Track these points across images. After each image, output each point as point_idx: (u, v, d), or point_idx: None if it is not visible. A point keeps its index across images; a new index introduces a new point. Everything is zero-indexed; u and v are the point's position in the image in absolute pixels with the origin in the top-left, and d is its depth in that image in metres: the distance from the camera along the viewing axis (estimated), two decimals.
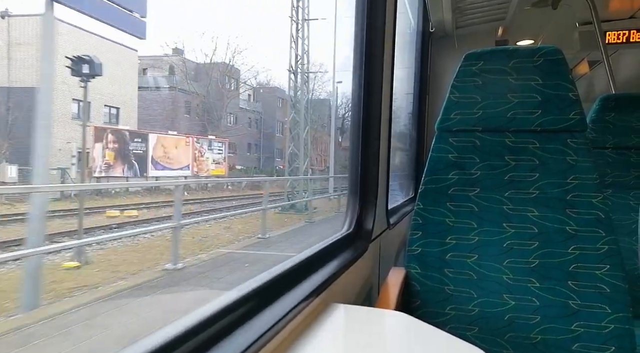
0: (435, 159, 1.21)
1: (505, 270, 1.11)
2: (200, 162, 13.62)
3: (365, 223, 1.24)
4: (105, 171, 9.97)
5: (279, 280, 0.74)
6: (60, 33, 8.99)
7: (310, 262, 0.89)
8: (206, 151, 13.99)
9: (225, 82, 22.26)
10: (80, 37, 9.98)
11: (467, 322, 1.13)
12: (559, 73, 1.13)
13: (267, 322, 0.60)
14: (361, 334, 0.78)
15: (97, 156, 9.85)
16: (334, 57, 27.30)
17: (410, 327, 0.82)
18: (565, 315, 1.06)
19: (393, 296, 1.03)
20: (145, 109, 17.66)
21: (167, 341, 0.46)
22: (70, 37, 9.62)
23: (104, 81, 10.75)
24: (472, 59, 1.18)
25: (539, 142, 1.14)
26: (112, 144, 10.22)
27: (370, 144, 1.27)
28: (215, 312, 0.55)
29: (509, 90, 1.15)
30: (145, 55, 19.28)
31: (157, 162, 11.63)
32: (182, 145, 12.82)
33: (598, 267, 1.05)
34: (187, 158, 12.96)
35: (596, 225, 1.07)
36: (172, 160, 12.27)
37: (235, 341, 0.54)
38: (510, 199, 1.14)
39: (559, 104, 1.12)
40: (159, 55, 20.17)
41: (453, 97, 1.19)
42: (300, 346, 0.65)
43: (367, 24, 1.23)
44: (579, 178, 1.10)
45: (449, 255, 1.16)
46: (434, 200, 1.19)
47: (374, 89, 1.26)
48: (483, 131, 1.18)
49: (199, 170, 13.56)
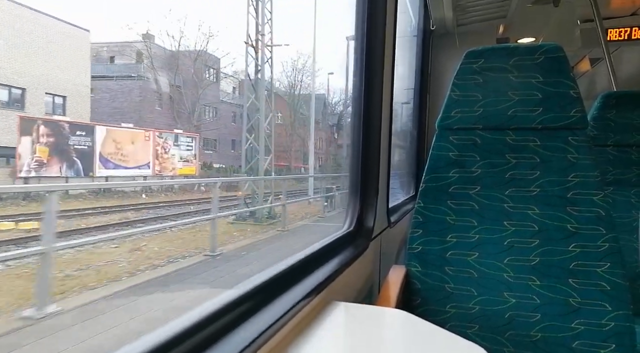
0: (435, 157, 1.21)
1: (506, 268, 1.11)
2: (164, 160, 11.69)
3: (366, 222, 1.24)
4: (35, 170, 8.31)
5: (280, 278, 0.74)
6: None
7: (311, 260, 0.89)
8: (171, 147, 12.13)
9: (202, 70, 19.92)
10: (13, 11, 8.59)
11: (468, 320, 1.13)
12: (560, 70, 1.12)
13: (268, 319, 0.60)
14: (362, 332, 0.78)
15: (24, 152, 8.12)
16: (314, 40, 25.66)
17: (411, 325, 0.82)
18: (566, 312, 1.06)
19: (394, 294, 1.03)
20: (111, 101, 16.23)
21: (169, 338, 0.46)
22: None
23: (47, 65, 9.30)
24: (472, 57, 1.18)
25: (539, 140, 1.14)
26: (45, 137, 8.57)
27: (371, 142, 1.27)
28: (216, 310, 0.56)
29: (509, 87, 1.15)
30: (112, 42, 17.59)
31: (108, 159, 9.94)
32: (139, 140, 10.94)
33: (599, 265, 1.05)
34: (147, 155, 11.08)
35: (597, 222, 1.07)
36: (126, 157, 10.44)
37: (236, 339, 0.54)
38: (510, 197, 1.14)
39: (560, 101, 1.12)
40: (128, 41, 17.89)
41: (454, 95, 1.19)
42: (301, 344, 0.65)
43: (368, 23, 1.23)
44: (580, 176, 1.10)
45: (450, 253, 1.16)
46: (434, 199, 1.19)
47: (374, 87, 1.26)
48: (484, 129, 1.18)
49: (163, 169, 11.64)
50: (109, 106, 16.12)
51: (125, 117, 15.47)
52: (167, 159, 11.80)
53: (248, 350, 0.52)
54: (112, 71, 16.94)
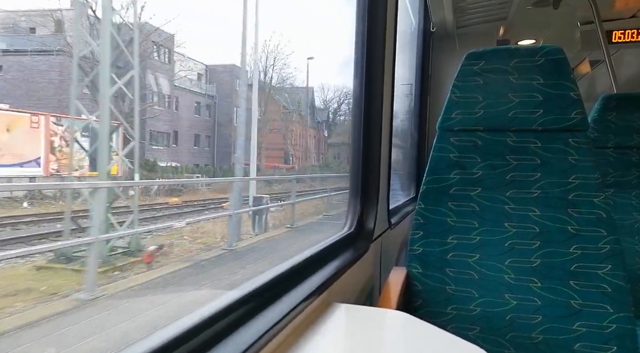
0: (436, 159, 1.21)
1: (507, 270, 1.11)
2: (64, 155, 7.85)
3: (367, 223, 1.24)
4: None
5: (281, 279, 0.74)
6: None
7: (311, 262, 0.89)
8: (76, 139, 7.29)
9: (151, 49, 16.09)
10: None
11: (469, 322, 1.13)
12: (560, 72, 1.12)
13: (268, 321, 0.60)
14: (362, 334, 0.78)
15: None
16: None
17: (412, 327, 0.81)
18: (567, 314, 1.06)
19: (394, 296, 1.03)
20: (25, 81, 12.76)
21: (170, 340, 0.46)
22: None
23: None
24: (473, 59, 1.18)
25: (540, 142, 1.14)
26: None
27: (372, 144, 1.27)
28: (217, 311, 0.55)
29: (510, 89, 1.15)
30: (32, 9, 13.37)
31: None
32: (22, 127, 7.65)
33: (600, 267, 1.05)
34: (36, 147, 7.66)
35: (598, 224, 1.07)
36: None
37: (237, 340, 0.54)
38: (511, 199, 1.14)
39: (561, 103, 1.12)
40: (52, 9, 13.55)
41: (454, 96, 1.19)
42: (302, 346, 0.65)
43: (368, 24, 1.23)
44: (581, 178, 1.09)
45: (451, 254, 1.16)
46: (435, 200, 1.19)
47: (375, 88, 1.26)
48: (484, 131, 1.18)
49: (62, 166, 7.88)
50: (21, 87, 12.70)
51: (41, 102, 12.05)
52: (68, 154, 7.78)
53: (249, 351, 0.52)
54: (33, 45, 13.26)
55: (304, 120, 25.58)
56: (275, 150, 23.59)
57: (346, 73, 18.56)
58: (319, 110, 27.29)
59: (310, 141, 26.86)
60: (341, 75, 27.84)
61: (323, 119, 27.42)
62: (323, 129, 27.72)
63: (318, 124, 27.25)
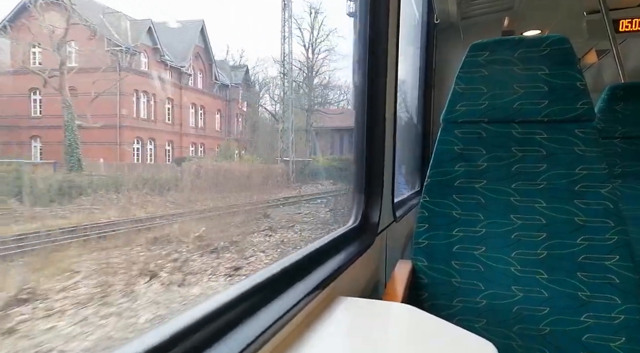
0: (441, 151, 1.20)
1: (513, 262, 1.11)
2: None
3: (372, 217, 1.24)
4: None
5: (286, 273, 0.74)
6: None
7: (316, 255, 0.89)
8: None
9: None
10: None
11: (475, 314, 1.13)
12: (566, 62, 1.11)
13: (274, 314, 0.60)
14: (368, 327, 0.78)
15: None
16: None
17: (418, 320, 0.81)
18: (575, 306, 1.05)
19: (400, 289, 1.03)
20: None
21: (177, 331, 0.46)
22: None
23: None
24: (477, 50, 1.17)
25: (546, 133, 1.13)
26: None
27: (376, 137, 1.26)
28: (223, 304, 0.56)
29: (515, 80, 1.14)
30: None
31: None
32: None
33: (607, 258, 1.04)
34: None
35: (605, 215, 1.06)
36: None
37: (243, 333, 0.54)
38: (517, 191, 1.13)
39: (567, 93, 1.11)
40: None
41: (458, 88, 1.18)
42: (307, 339, 0.65)
43: (371, 17, 1.22)
44: (588, 169, 1.08)
45: (456, 247, 1.15)
46: (440, 193, 1.19)
47: (378, 81, 1.25)
48: (489, 122, 1.17)
49: None
50: None
51: None
52: None
53: (255, 344, 0.52)
54: None
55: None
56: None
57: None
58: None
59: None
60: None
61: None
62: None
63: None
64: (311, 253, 0.87)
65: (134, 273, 3.60)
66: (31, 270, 3.21)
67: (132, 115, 7.95)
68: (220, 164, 9.02)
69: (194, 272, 4.03)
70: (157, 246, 4.41)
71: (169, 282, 3.63)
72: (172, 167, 8.16)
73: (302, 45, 14.01)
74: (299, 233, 6.11)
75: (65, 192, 5.08)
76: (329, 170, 11.76)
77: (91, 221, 4.54)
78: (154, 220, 5.25)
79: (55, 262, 3.45)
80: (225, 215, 6.42)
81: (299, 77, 14.29)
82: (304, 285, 0.74)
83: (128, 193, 5.86)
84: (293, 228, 6.33)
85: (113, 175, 6.22)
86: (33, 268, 3.25)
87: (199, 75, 10.61)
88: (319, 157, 12.76)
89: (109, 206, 5.32)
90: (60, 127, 5.99)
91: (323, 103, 15.06)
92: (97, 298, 3.04)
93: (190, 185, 7.20)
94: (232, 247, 4.98)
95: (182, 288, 3.60)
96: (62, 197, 5.00)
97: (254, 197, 8.32)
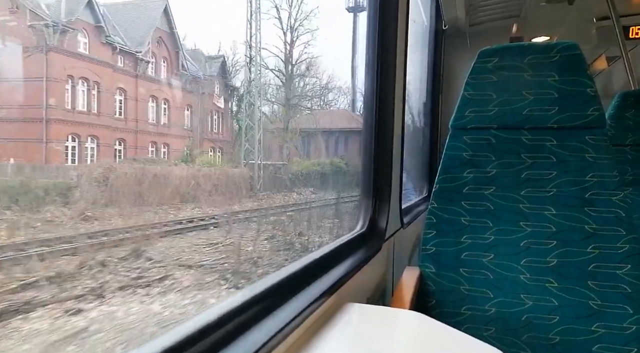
0: (449, 158, 1.19)
1: (523, 270, 1.10)
2: None
3: (379, 223, 1.23)
4: None
5: (294, 278, 0.74)
6: None
7: (324, 261, 0.88)
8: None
9: None
10: None
11: (484, 322, 1.11)
12: (576, 69, 1.10)
13: (282, 320, 0.60)
14: (376, 334, 0.78)
15: None
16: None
17: (426, 327, 0.81)
18: (585, 315, 1.04)
19: (407, 296, 1.02)
20: None
21: (186, 337, 0.46)
22: None
23: None
24: (486, 56, 1.17)
25: (556, 140, 1.12)
26: None
27: (384, 143, 1.26)
28: (231, 310, 0.56)
29: (524, 86, 1.14)
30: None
31: None
32: None
33: (619, 267, 1.03)
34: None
35: (616, 223, 1.04)
36: None
37: (251, 339, 0.54)
38: (526, 198, 1.12)
39: (577, 100, 1.10)
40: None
41: (467, 94, 1.18)
42: (315, 345, 0.65)
43: (380, 24, 1.22)
44: (598, 176, 1.07)
45: (465, 254, 1.15)
46: (448, 199, 1.18)
47: (386, 88, 1.25)
48: (498, 129, 1.16)
49: None
50: None
51: None
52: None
53: (263, 350, 0.52)
54: None
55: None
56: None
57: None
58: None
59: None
60: None
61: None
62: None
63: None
64: (319, 259, 0.87)
65: None
66: None
67: (63, 107, 6.16)
68: (154, 169, 7.01)
69: None
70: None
71: None
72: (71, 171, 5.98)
73: (279, 28, 11.73)
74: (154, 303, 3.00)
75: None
76: (310, 175, 10.04)
77: None
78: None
79: None
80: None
81: (278, 65, 11.97)
82: (312, 291, 0.74)
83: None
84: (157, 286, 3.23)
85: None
86: None
87: (162, 64, 8.71)
88: (298, 160, 10.90)
89: None
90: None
91: (302, 96, 12.92)
92: None
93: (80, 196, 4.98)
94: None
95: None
96: None
97: (158, 215, 5.78)
